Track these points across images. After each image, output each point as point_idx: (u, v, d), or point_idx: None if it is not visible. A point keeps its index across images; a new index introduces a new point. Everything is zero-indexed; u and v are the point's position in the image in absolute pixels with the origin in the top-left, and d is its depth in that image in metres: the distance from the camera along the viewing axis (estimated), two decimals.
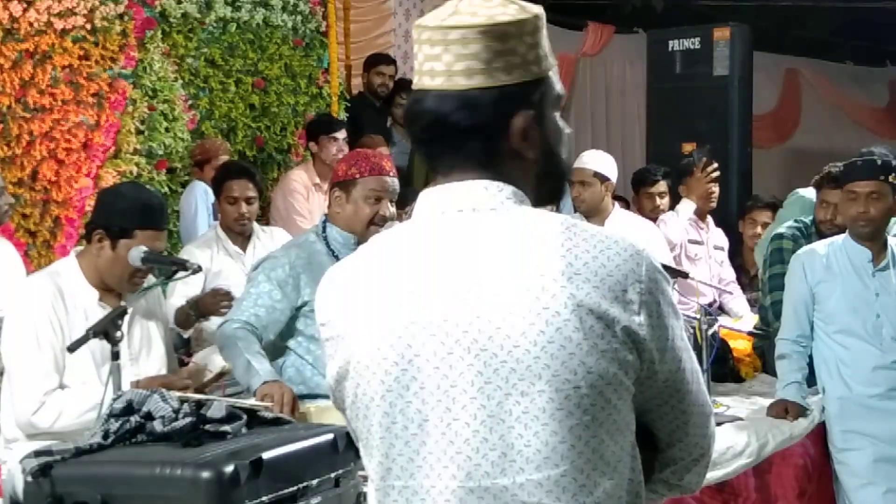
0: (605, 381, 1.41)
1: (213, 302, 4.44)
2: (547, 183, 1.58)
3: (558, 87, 1.58)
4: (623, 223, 5.25)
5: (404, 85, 7.30)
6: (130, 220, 3.22)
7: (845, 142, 11.46)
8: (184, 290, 4.62)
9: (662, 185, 6.19)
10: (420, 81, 1.53)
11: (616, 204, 5.48)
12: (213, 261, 4.85)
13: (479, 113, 1.49)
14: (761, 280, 4.81)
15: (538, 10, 1.54)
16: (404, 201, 5.00)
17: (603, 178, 5.25)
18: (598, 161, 5.30)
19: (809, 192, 5.22)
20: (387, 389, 1.47)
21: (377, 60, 7.44)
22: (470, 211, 1.49)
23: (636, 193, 6.37)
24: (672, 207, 5.98)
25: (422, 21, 1.54)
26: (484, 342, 1.43)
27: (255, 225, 5.10)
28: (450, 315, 1.45)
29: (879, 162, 4.01)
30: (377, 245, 1.57)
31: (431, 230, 1.51)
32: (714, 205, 5.95)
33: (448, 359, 1.44)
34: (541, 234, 1.45)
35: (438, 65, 1.50)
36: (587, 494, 1.42)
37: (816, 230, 4.66)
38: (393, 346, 1.47)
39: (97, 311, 3.19)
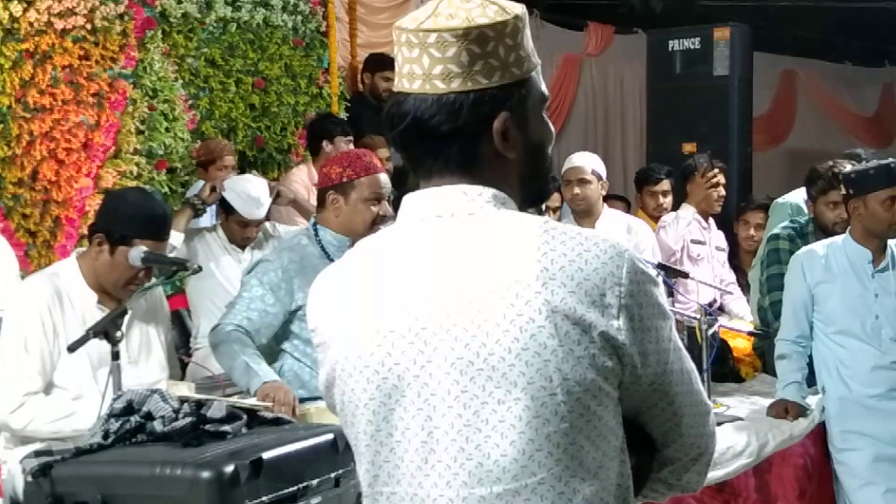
0: (583, 388, 1.39)
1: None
2: (532, 184, 1.56)
3: (542, 87, 1.55)
4: (613, 223, 5.27)
5: None
6: (131, 229, 3.21)
7: (837, 146, 11.46)
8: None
9: (666, 184, 6.25)
10: (400, 84, 1.51)
11: (605, 204, 5.50)
12: (211, 253, 4.87)
13: (457, 117, 1.47)
14: (760, 281, 4.81)
15: (520, 10, 1.51)
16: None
17: (599, 177, 5.32)
18: (593, 160, 5.38)
19: (792, 198, 5.27)
20: (370, 397, 1.47)
21: (384, 65, 7.36)
22: (448, 216, 1.48)
23: (639, 192, 6.38)
24: (675, 207, 6.00)
25: (400, 23, 1.52)
26: (460, 350, 1.41)
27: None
28: (428, 323, 1.44)
29: None
30: (361, 251, 1.56)
31: (410, 237, 1.50)
32: (719, 209, 5.97)
33: (427, 367, 1.43)
34: (517, 239, 1.43)
35: (417, 68, 1.48)
36: (566, 501, 1.40)
37: (815, 230, 4.65)
38: (374, 355, 1.46)
39: (95, 314, 3.18)
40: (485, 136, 1.49)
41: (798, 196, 5.31)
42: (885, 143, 12.93)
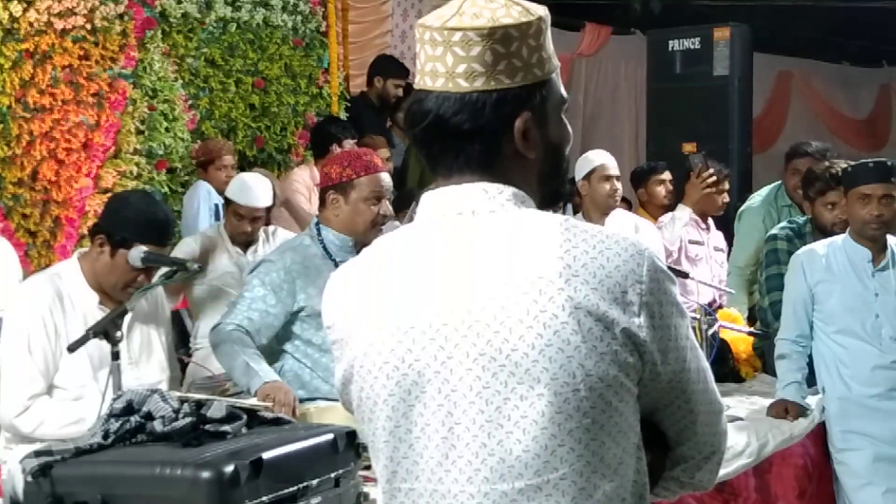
0: (605, 384, 1.40)
1: None
2: (551, 183, 1.57)
3: (561, 89, 1.57)
4: (622, 222, 5.30)
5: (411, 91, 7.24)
6: (132, 232, 3.22)
7: (833, 150, 11.41)
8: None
9: (668, 174, 6.32)
10: (422, 82, 1.52)
11: None
12: (215, 254, 4.87)
13: (479, 116, 1.48)
14: (759, 282, 4.82)
15: (542, 11, 1.52)
16: (404, 204, 4.99)
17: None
18: (613, 158, 5.46)
19: (756, 201, 5.42)
20: (389, 393, 1.47)
21: (397, 72, 7.32)
22: (469, 214, 1.48)
23: (644, 186, 6.39)
24: (674, 207, 6.03)
25: (424, 21, 1.52)
26: (482, 346, 1.42)
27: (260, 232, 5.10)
28: (449, 319, 1.44)
29: (889, 164, 4.01)
30: (380, 248, 1.56)
31: (431, 234, 1.50)
32: (721, 211, 5.99)
33: (448, 363, 1.44)
34: (539, 236, 1.44)
35: (440, 66, 1.49)
36: (586, 497, 1.41)
37: (813, 230, 4.65)
38: (394, 351, 1.47)
39: (97, 315, 3.18)
40: (506, 135, 1.50)
41: (757, 201, 5.44)
42: (878, 146, 12.90)
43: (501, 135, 1.49)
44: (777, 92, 12.37)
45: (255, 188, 4.90)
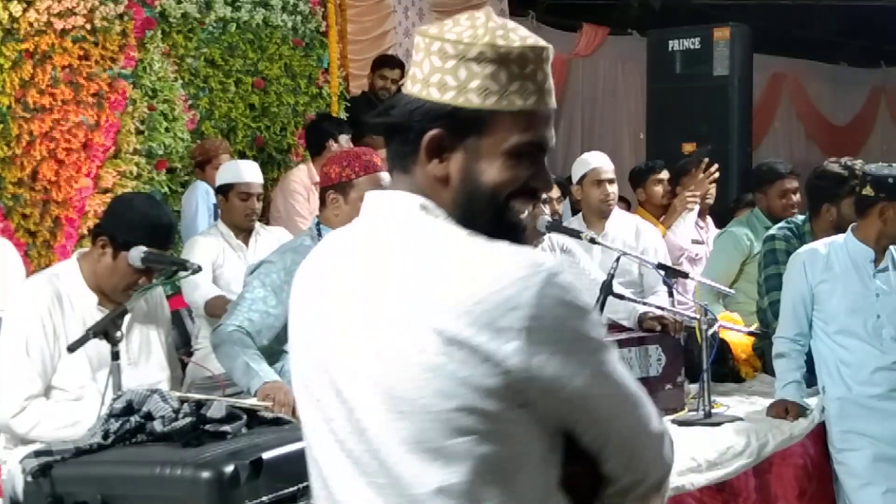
0: (468, 411, 1.37)
1: None
2: (468, 220, 1.47)
3: (541, 134, 1.49)
4: (623, 224, 5.23)
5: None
6: (135, 236, 3.21)
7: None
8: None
9: (667, 173, 6.28)
10: (405, 85, 1.54)
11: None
12: (223, 252, 4.86)
13: (396, 115, 1.50)
14: (758, 282, 4.82)
15: (506, 43, 1.46)
16: None
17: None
18: (608, 159, 5.33)
19: (729, 228, 5.42)
20: (304, 406, 1.57)
21: (382, 63, 7.31)
22: (383, 225, 1.49)
23: (642, 186, 6.38)
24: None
25: (422, 27, 1.55)
26: (355, 371, 1.46)
27: (256, 222, 5.11)
28: (328, 346, 1.51)
29: None
30: (323, 247, 1.62)
31: (348, 243, 1.55)
32: (711, 202, 6.00)
33: (325, 389, 1.50)
34: (422, 260, 1.42)
35: (418, 72, 1.51)
36: None
37: (811, 230, 4.65)
38: (299, 363, 1.60)
39: (96, 315, 3.18)
40: (417, 143, 1.48)
41: (731, 228, 5.40)
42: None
43: (412, 141, 1.48)
44: (768, 94, 12.35)
45: (250, 167, 5.07)
